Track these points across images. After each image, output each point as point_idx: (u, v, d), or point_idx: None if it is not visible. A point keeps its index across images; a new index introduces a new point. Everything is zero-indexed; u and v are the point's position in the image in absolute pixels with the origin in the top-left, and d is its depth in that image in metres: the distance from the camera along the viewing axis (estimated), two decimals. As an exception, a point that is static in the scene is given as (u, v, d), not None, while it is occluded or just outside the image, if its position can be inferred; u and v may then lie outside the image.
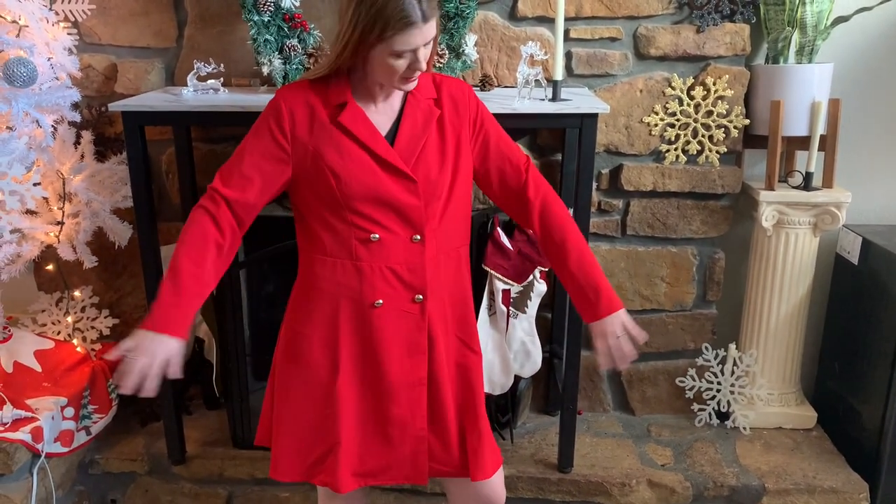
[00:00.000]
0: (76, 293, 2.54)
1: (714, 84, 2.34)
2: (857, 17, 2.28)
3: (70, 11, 2.26)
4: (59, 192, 2.26)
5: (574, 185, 2.10)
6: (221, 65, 2.17)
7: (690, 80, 2.36)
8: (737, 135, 2.39)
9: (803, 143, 2.36)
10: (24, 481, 2.12)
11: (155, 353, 1.39)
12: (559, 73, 2.07)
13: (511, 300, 2.25)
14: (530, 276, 2.24)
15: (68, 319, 2.51)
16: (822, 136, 2.34)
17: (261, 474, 2.35)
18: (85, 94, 2.38)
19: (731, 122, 2.37)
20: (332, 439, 1.59)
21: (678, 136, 2.40)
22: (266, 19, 2.08)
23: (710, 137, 2.39)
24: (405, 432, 1.61)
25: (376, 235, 1.53)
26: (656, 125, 2.39)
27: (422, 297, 1.56)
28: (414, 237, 1.54)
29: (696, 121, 2.38)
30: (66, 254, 2.29)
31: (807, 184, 2.37)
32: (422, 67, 1.46)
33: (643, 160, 2.44)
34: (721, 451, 2.44)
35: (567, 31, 2.30)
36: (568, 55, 2.35)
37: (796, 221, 2.38)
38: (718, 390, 2.54)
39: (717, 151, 2.40)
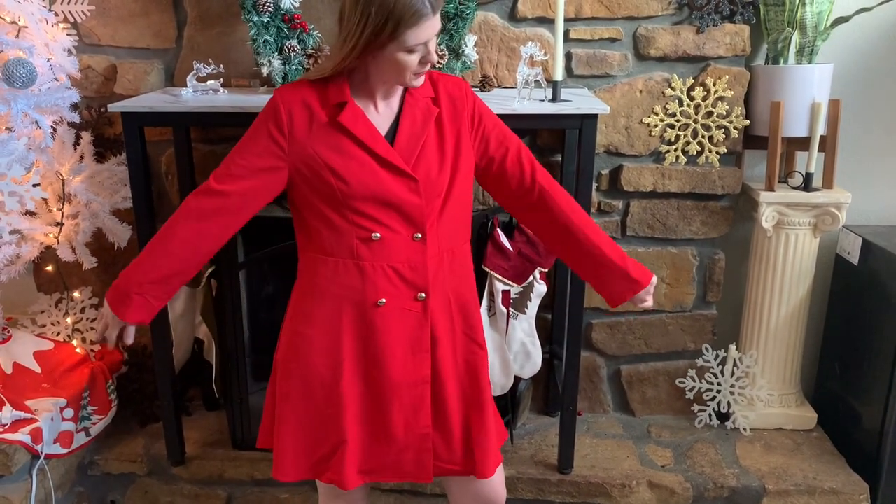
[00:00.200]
0: (76, 294, 2.53)
1: (714, 85, 2.34)
2: (856, 18, 2.28)
3: (69, 12, 2.26)
4: (58, 193, 2.26)
5: (574, 185, 2.09)
6: (221, 66, 2.17)
7: (690, 81, 2.36)
8: (737, 135, 2.39)
9: (803, 143, 2.36)
10: (23, 482, 2.11)
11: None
12: (559, 74, 2.07)
13: (511, 301, 2.25)
14: (530, 277, 2.24)
15: (68, 320, 2.51)
16: (822, 136, 2.33)
17: (261, 475, 2.35)
18: (84, 94, 2.37)
19: (731, 122, 2.37)
20: (338, 437, 1.59)
21: (678, 137, 2.40)
22: (265, 20, 2.08)
23: (710, 138, 2.39)
24: (409, 431, 1.61)
25: (377, 234, 1.53)
26: (656, 126, 2.39)
27: (424, 295, 1.56)
28: (415, 235, 1.54)
29: (696, 121, 2.38)
30: (65, 255, 2.29)
31: (807, 184, 2.37)
32: (434, 60, 1.47)
33: (643, 161, 2.44)
34: (721, 452, 2.44)
35: (567, 32, 2.30)
36: (568, 56, 2.35)
37: (796, 222, 2.38)
38: (718, 391, 2.54)
39: (717, 152, 2.40)
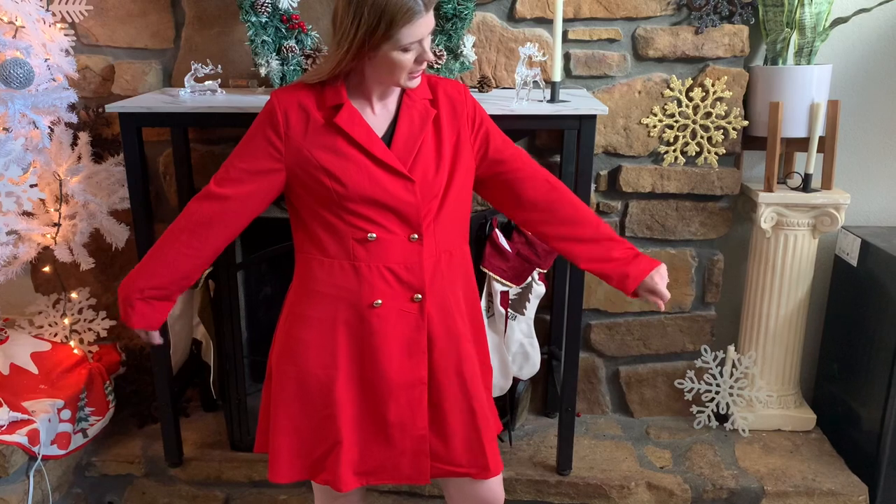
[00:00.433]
0: (73, 295, 2.53)
1: (713, 85, 2.33)
2: (855, 19, 2.28)
3: (67, 12, 2.26)
4: (55, 194, 2.26)
5: (573, 186, 2.09)
6: (219, 66, 2.17)
7: (689, 82, 2.36)
8: (735, 136, 2.39)
9: (802, 144, 2.36)
10: (20, 484, 2.11)
11: None
12: (557, 75, 2.07)
13: (509, 302, 2.25)
14: (529, 278, 2.23)
15: (65, 321, 2.50)
16: (820, 137, 2.33)
17: (258, 477, 2.34)
18: (82, 95, 2.37)
19: (729, 123, 2.37)
20: (333, 438, 1.58)
21: (677, 138, 2.40)
22: (264, 20, 2.08)
23: (709, 139, 2.39)
24: (405, 432, 1.60)
25: (373, 235, 1.52)
26: (655, 126, 2.39)
27: (420, 296, 1.56)
28: (412, 236, 1.54)
29: (694, 122, 2.38)
30: (63, 255, 2.29)
31: (806, 185, 2.37)
32: (429, 58, 1.48)
33: (642, 161, 2.43)
34: (720, 453, 2.43)
35: (565, 33, 2.30)
36: (566, 56, 2.35)
37: (795, 223, 2.38)
38: (717, 392, 2.54)
39: (716, 153, 2.40)
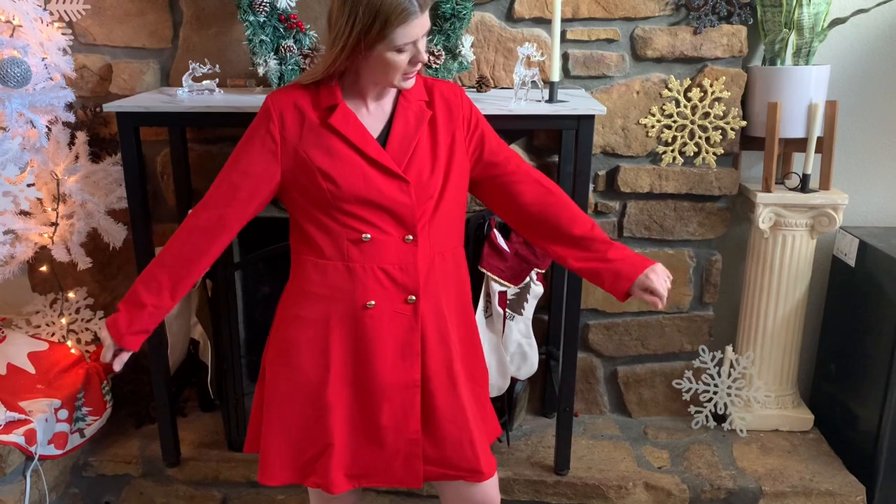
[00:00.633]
0: (70, 294, 2.52)
1: (711, 86, 2.33)
2: (853, 19, 2.28)
3: (65, 11, 2.25)
4: (53, 193, 2.25)
5: (571, 186, 2.09)
6: (217, 65, 2.17)
7: (687, 82, 2.36)
8: (734, 136, 2.39)
9: (800, 144, 2.36)
10: (17, 484, 2.10)
11: None
12: (556, 75, 2.06)
13: (508, 302, 2.24)
14: (527, 278, 2.23)
15: (62, 321, 2.50)
16: (818, 137, 2.33)
17: (256, 477, 2.32)
18: (79, 94, 2.36)
19: (727, 123, 2.37)
20: (325, 441, 1.58)
21: (675, 138, 2.40)
22: (262, 20, 2.08)
23: (707, 139, 2.39)
24: (398, 435, 1.59)
25: (368, 235, 1.52)
26: (653, 127, 2.38)
27: (414, 297, 1.55)
28: (406, 237, 1.54)
29: (693, 122, 2.38)
30: (60, 255, 2.29)
31: (804, 186, 2.37)
32: (423, 59, 1.48)
33: (640, 162, 2.43)
34: (718, 453, 2.43)
35: (564, 33, 2.30)
36: (565, 56, 2.35)
37: (793, 223, 2.38)
38: (715, 392, 2.54)
39: (714, 153, 2.40)
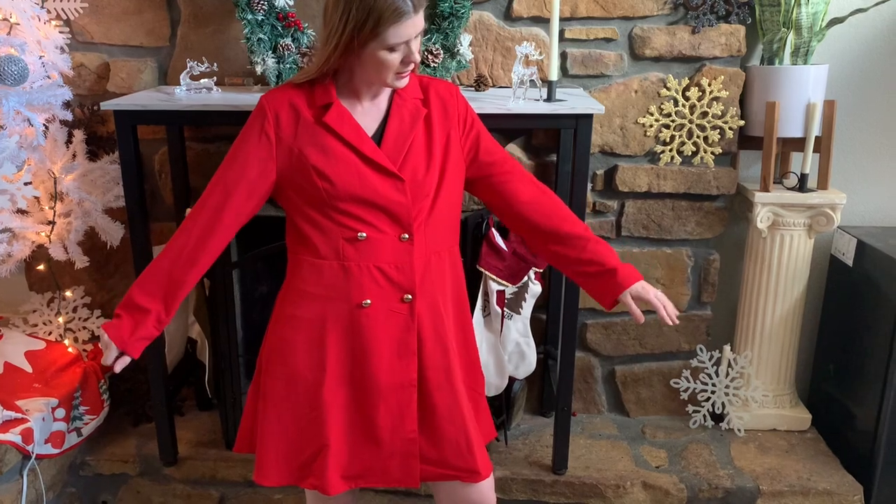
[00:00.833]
0: (68, 293, 2.52)
1: (709, 85, 2.33)
2: (852, 19, 2.28)
3: (62, 9, 2.25)
4: (50, 192, 2.25)
5: (569, 186, 2.09)
6: (215, 64, 2.16)
7: (686, 81, 2.36)
8: (732, 136, 2.38)
9: (798, 144, 2.36)
10: (14, 483, 2.10)
11: None
12: (554, 74, 2.06)
13: (506, 301, 2.24)
14: (525, 277, 2.23)
15: (60, 320, 2.50)
16: (817, 137, 2.33)
17: (253, 476, 2.33)
18: (77, 92, 2.36)
19: (726, 123, 2.37)
20: (320, 442, 1.57)
21: (673, 137, 2.40)
22: (260, 18, 2.07)
23: (706, 138, 2.39)
24: (395, 435, 1.59)
25: (363, 234, 1.52)
26: (651, 126, 2.38)
27: (410, 296, 1.55)
28: (402, 236, 1.53)
29: (691, 122, 2.38)
30: (57, 254, 2.28)
31: (802, 185, 2.37)
32: (416, 59, 1.48)
33: (638, 161, 2.43)
34: (715, 452, 2.43)
35: (562, 32, 2.30)
36: (563, 55, 2.35)
37: (791, 223, 2.38)
38: (713, 392, 2.54)
39: (713, 152, 2.39)
